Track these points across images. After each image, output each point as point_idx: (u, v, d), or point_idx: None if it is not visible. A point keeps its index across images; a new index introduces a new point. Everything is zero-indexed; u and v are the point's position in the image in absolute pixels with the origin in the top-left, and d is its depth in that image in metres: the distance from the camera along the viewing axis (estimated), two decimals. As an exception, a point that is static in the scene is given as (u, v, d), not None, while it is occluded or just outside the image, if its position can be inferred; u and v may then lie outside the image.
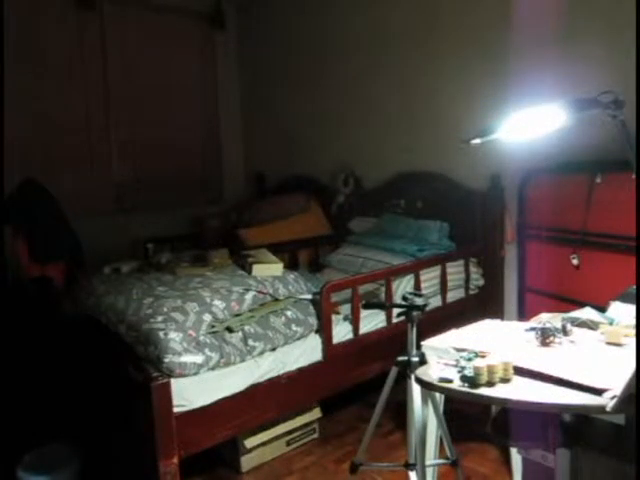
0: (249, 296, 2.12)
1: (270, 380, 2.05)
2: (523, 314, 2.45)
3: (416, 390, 1.49)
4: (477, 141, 1.52)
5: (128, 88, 3.62)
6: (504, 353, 1.28)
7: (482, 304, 2.69)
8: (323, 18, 3.54)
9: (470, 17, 2.76)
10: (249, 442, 2.20)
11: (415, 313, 1.55)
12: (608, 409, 1.08)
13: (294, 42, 3.75)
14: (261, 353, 2.04)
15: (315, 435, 2.39)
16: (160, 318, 2.00)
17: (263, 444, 2.24)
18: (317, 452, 2.30)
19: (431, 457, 1.68)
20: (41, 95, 3.27)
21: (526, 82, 2.34)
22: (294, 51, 3.76)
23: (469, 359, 1.28)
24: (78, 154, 3.44)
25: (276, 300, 2.19)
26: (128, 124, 3.63)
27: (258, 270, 2.30)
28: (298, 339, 2.16)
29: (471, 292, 2.73)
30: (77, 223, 2.80)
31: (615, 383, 1.11)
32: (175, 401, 1.91)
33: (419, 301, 1.59)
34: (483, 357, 1.28)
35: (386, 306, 2.26)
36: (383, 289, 2.40)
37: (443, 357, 1.38)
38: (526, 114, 1.43)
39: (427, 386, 1.29)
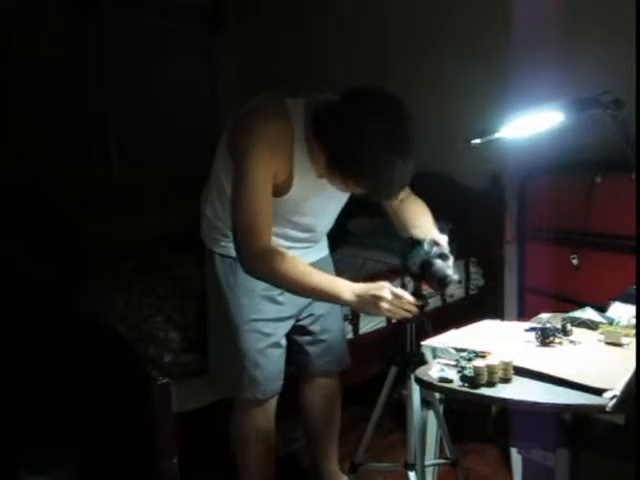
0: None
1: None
2: (523, 314, 2.44)
3: (416, 390, 1.49)
4: (477, 141, 1.52)
5: (128, 88, 3.62)
6: (504, 353, 1.27)
7: (482, 304, 2.69)
8: (323, 19, 3.54)
9: (469, 16, 2.76)
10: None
11: (417, 313, 1.54)
12: (608, 409, 1.08)
13: (295, 43, 3.74)
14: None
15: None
16: (160, 318, 2.00)
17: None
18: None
19: (431, 457, 1.68)
20: (41, 95, 3.27)
21: (526, 82, 2.34)
22: (295, 52, 3.75)
23: (469, 359, 1.28)
24: (78, 154, 3.44)
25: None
26: (128, 124, 3.62)
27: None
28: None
29: (471, 292, 2.73)
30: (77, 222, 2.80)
31: (615, 383, 1.11)
32: (175, 401, 1.91)
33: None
34: (483, 357, 1.28)
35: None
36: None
37: (443, 357, 1.38)
38: (526, 114, 1.44)
39: (427, 386, 1.29)
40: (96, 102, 3.50)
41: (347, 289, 1.45)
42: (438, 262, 1.43)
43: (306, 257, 1.75)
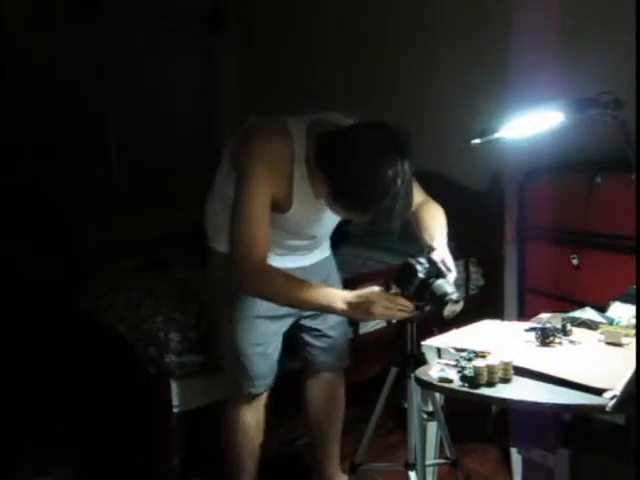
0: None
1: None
2: (523, 314, 2.44)
3: (416, 390, 1.49)
4: (477, 141, 1.52)
5: (128, 88, 3.61)
6: (504, 353, 1.28)
7: (482, 304, 2.68)
8: (323, 18, 3.54)
9: (469, 16, 2.76)
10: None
11: (414, 313, 1.54)
12: (608, 409, 1.08)
13: (295, 43, 3.74)
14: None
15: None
16: (160, 318, 2.00)
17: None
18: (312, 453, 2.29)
19: (431, 457, 1.68)
20: (40, 95, 3.27)
21: (526, 82, 2.34)
22: (295, 52, 3.75)
23: (469, 359, 1.28)
24: (78, 154, 3.44)
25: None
26: (128, 123, 3.62)
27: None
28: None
29: (471, 292, 2.73)
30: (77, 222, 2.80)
31: (615, 383, 1.11)
32: (175, 401, 1.91)
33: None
34: (483, 357, 1.28)
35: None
36: (382, 288, 2.40)
37: (443, 357, 1.38)
38: (526, 114, 1.43)
39: (427, 386, 1.29)
40: (96, 102, 3.50)
41: (339, 299, 1.45)
42: (435, 281, 1.39)
43: (306, 260, 1.77)
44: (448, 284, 1.40)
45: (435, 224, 1.63)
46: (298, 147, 1.50)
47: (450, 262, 1.50)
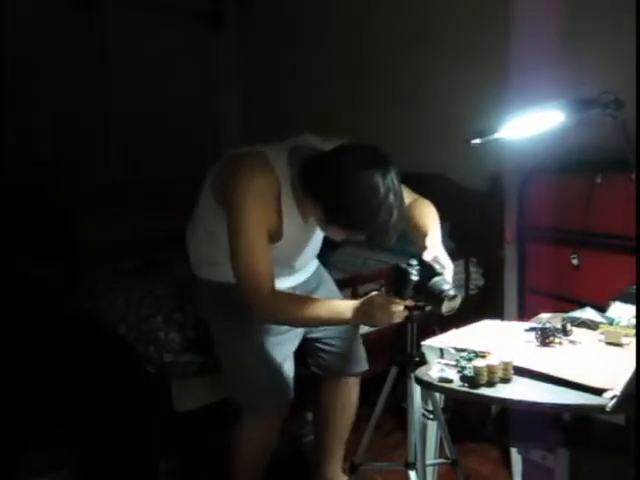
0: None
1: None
2: (523, 314, 2.44)
3: (416, 390, 1.50)
4: (477, 141, 1.52)
5: (128, 88, 3.61)
6: (504, 353, 1.28)
7: (482, 304, 2.68)
8: (323, 18, 3.54)
9: (469, 16, 2.76)
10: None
11: (415, 313, 1.55)
12: (608, 409, 1.08)
13: (295, 43, 3.74)
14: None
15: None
16: (160, 318, 2.00)
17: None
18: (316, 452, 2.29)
19: (431, 457, 1.68)
20: (40, 95, 3.27)
21: (526, 82, 2.34)
22: (295, 52, 3.75)
23: (469, 359, 1.28)
24: (78, 154, 3.44)
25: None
26: (128, 124, 3.62)
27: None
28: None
29: (471, 292, 2.73)
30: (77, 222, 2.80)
31: (615, 383, 1.11)
32: (175, 401, 1.91)
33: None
34: (483, 357, 1.28)
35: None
36: (383, 289, 2.40)
37: (443, 357, 1.38)
38: (526, 114, 1.44)
39: (427, 386, 1.30)
40: (96, 102, 3.50)
41: (348, 309, 1.47)
42: (430, 281, 1.39)
43: (302, 275, 1.79)
44: (444, 281, 1.40)
45: (426, 222, 1.63)
46: (282, 177, 1.52)
47: (444, 258, 1.49)
